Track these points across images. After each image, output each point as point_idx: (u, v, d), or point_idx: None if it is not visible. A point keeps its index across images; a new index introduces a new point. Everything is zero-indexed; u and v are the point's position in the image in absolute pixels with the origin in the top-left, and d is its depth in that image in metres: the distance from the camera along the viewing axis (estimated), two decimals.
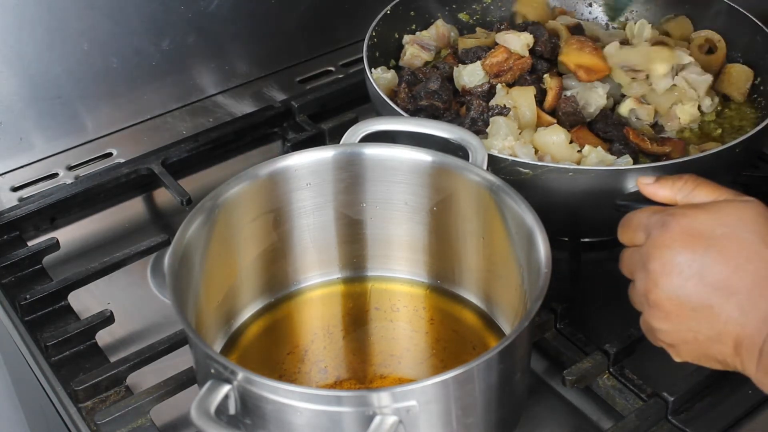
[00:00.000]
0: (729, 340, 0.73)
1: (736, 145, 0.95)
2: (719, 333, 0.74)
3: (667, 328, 0.76)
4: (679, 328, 0.75)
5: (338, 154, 0.91)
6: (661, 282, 0.75)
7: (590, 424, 0.91)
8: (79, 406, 0.92)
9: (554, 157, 0.99)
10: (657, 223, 0.76)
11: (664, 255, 0.75)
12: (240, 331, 0.93)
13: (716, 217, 0.75)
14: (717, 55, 1.14)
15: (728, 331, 0.73)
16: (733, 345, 0.73)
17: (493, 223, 0.88)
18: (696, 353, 0.76)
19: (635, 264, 0.78)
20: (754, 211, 0.75)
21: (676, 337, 0.76)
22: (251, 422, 0.74)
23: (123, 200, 1.19)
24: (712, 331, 0.74)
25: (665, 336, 0.77)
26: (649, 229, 0.77)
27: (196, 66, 1.34)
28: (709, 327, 0.74)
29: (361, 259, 0.98)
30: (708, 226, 0.74)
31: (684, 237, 0.74)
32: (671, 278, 0.74)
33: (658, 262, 0.75)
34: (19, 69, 1.20)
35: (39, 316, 1.02)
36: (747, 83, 1.11)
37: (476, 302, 0.95)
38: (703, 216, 0.75)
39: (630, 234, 0.79)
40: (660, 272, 0.75)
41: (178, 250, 0.82)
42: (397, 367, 0.91)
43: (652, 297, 0.76)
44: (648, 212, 0.79)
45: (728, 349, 0.74)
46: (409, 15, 1.20)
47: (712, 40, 1.15)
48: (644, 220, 0.78)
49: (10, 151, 1.24)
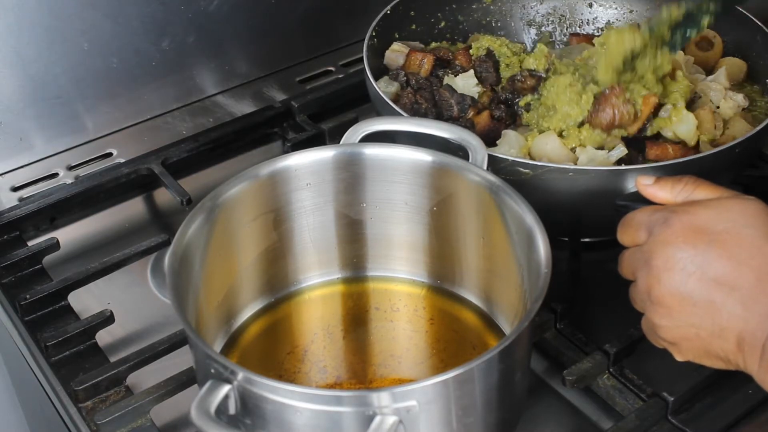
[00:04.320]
0: (731, 336, 0.73)
1: (735, 145, 0.95)
2: (721, 329, 0.74)
3: (668, 325, 0.76)
4: (680, 324, 0.75)
5: (338, 154, 0.91)
6: (663, 278, 0.75)
7: (590, 424, 0.91)
8: (79, 406, 0.92)
9: (551, 160, 0.99)
10: (659, 220, 0.76)
11: (666, 251, 0.75)
12: (240, 331, 0.93)
13: (718, 213, 0.75)
14: (714, 51, 1.14)
15: (730, 327, 0.73)
16: (735, 341, 0.73)
17: (493, 223, 0.88)
18: (698, 351, 0.76)
19: (637, 262, 0.78)
20: (756, 207, 0.75)
21: (677, 334, 0.76)
22: (251, 422, 0.74)
23: (123, 200, 1.19)
24: (714, 327, 0.74)
25: (667, 333, 0.77)
26: (651, 227, 0.77)
27: (196, 66, 1.34)
28: (711, 323, 0.74)
29: (361, 259, 0.98)
30: (710, 221, 0.74)
31: (686, 233, 0.74)
32: (673, 274, 0.74)
33: (660, 258, 0.75)
34: (19, 69, 1.20)
35: (39, 316, 1.02)
36: (740, 74, 1.12)
37: (476, 302, 0.95)
38: (705, 212, 0.75)
39: (631, 233, 0.79)
40: (662, 268, 0.75)
41: (178, 250, 0.82)
42: (397, 367, 0.91)
43: (654, 293, 0.76)
44: (649, 211, 0.79)
45: (730, 346, 0.74)
46: (409, 15, 1.20)
47: (708, 37, 1.15)
48: (645, 218, 0.78)
49: (10, 151, 1.24)
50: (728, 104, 1.06)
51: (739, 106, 1.07)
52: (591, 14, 1.26)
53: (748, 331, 0.72)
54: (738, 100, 1.07)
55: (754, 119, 1.06)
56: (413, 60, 1.14)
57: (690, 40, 1.03)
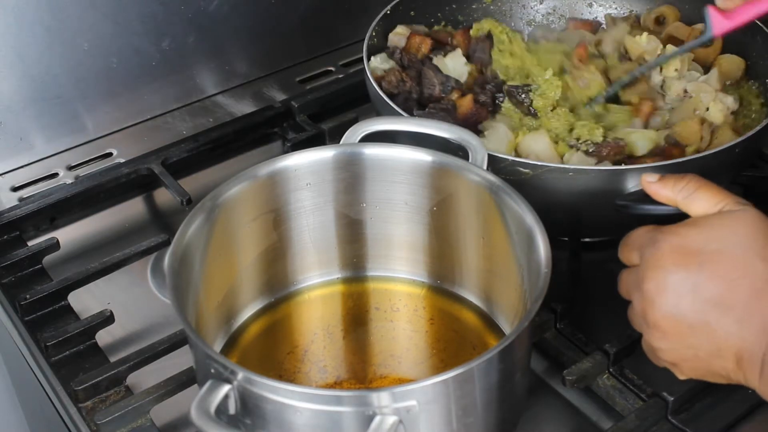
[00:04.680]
0: (730, 355, 0.73)
1: (735, 145, 0.95)
2: (719, 348, 0.73)
3: (666, 347, 0.76)
4: (678, 347, 0.75)
5: (338, 154, 0.91)
6: (656, 302, 0.75)
7: (590, 424, 0.91)
8: (79, 406, 0.92)
9: (539, 159, 0.99)
10: (648, 242, 0.76)
11: (657, 275, 0.74)
12: (240, 331, 0.93)
13: (707, 233, 0.74)
14: (713, 48, 1.14)
15: (728, 346, 0.73)
16: (734, 359, 0.73)
17: (493, 223, 0.88)
18: (699, 370, 0.76)
19: (631, 285, 0.78)
20: (746, 220, 0.74)
21: (676, 356, 0.76)
22: (251, 422, 0.74)
23: (123, 200, 1.19)
24: (712, 347, 0.74)
25: (666, 355, 0.77)
26: (642, 249, 0.77)
27: (196, 66, 1.34)
28: (708, 343, 0.74)
29: (361, 259, 0.98)
30: (699, 243, 0.74)
31: (675, 255, 0.74)
32: (666, 297, 0.74)
33: (651, 283, 0.75)
34: (19, 69, 1.20)
35: (39, 316, 1.02)
36: (738, 71, 1.12)
37: (476, 302, 0.95)
38: (694, 233, 0.75)
39: (626, 254, 0.80)
40: (654, 292, 0.75)
41: (178, 250, 0.82)
42: (397, 367, 0.91)
43: (649, 317, 0.76)
44: (642, 231, 0.78)
45: (730, 364, 0.74)
46: (409, 15, 1.20)
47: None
48: (638, 239, 0.78)
49: (10, 151, 1.24)
50: (717, 107, 1.06)
51: (729, 109, 1.07)
52: (591, 14, 1.26)
53: (745, 348, 0.72)
54: (728, 103, 1.07)
55: (744, 127, 1.05)
56: (412, 43, 1.15)
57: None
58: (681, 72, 1.11)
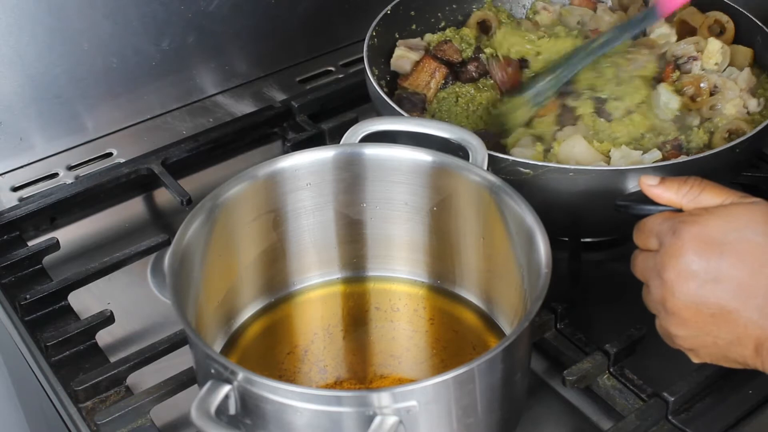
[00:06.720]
0: (749, 343, 0.74)
1: (736, 145, 0.95)
2: (739, 336, 0.74)
3: (685, 334, 0.76)
4: (698, 334, 0.76)
5: (338, 154, 0.91)
6: (677, 290, 0.75)
7: (590, 424, 0.91)
8: (79, 406, 0.92)
9: (579, 163, 0.98)
10: (668, 230, 0.76)
11: (678, 264, 0.75)
12: (240, 331, 0.93)
13: (727, 222, 0.75)
14: (726, 37, 1.13)
15: (748, 334, 0.73)
16: (753, 347, 0.74)
17: (493, 223, 0.88)
18: (715, 356, 0.77)
19: (649, 270, 0.78)
20: (763, 212, 0.75)
21: (695, 342, 0.77)
22: (251, 422, 0.74)
23: (123, 200, 1.19)
24: (731, 335, 0.74)
25: (684, 342, 0.77)
26: (661, 237, 0.77)
27: (196, 66, 1.34)
28: (728, 331, 0.74)
29: (361, 259, 0.98)
30: (720, 231, 0.74)
31: (696, 244, 0.74)
32: (687, 286, 0.74)
33: (673, 271, 0.75)
34: (19, 69, 1.20)
35: (39, 316, 1.02)
36: (746, 61, 1.11)
37: (476, 302, 0.95)
38: (714, 221, 0.75)
39: (643, 239, 0.79)
40: (675, 281, 0.75)
41: (178, 250, 0.82)
42: (397, 367, 0.91)
43: (669, 305, 0.76)
44: (660, 218, 0.78)
45: (748, 351, 0.74)
46: (409, 15, 1.20)
47: (721, 21, 1.14)
48: (656, 226, 0.78)
49: (10, 151, 1.24)
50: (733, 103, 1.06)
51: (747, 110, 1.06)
52: None
53: (766, 336, 0.73)
54: (751, 106, 1.07)
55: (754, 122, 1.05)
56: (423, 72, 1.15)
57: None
58: (721, 66, 1.10)
